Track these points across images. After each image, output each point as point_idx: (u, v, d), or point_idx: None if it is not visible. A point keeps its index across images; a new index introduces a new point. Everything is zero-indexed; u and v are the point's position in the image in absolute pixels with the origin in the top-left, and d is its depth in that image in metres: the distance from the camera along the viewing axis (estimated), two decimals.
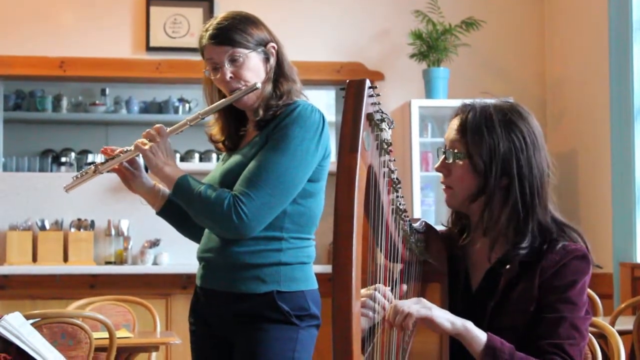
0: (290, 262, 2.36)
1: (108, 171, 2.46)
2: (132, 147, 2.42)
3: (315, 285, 2.42)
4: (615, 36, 5.14)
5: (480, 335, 1.75)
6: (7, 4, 5.71)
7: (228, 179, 2.37)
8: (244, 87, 2.39)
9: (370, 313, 1.80)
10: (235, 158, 2.42)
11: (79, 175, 2.45)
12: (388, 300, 1.81)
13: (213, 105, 2.45)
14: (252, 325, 2.34)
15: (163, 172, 2.38)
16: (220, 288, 2.40)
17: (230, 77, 2.39)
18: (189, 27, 5.79)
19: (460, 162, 1.90)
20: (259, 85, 2.38)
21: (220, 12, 6.06)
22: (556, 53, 5.99)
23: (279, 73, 2.44)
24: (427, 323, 1.73)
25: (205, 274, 2.45)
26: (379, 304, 1.80)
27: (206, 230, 2.47)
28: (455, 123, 1.94)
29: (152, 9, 5.77)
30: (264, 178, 2.29)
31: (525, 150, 1.89)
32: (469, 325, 1.76)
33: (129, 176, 2.49)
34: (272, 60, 2.44)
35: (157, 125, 2.41)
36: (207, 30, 2.42)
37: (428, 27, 5.68)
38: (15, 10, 5.70)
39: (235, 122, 2.51)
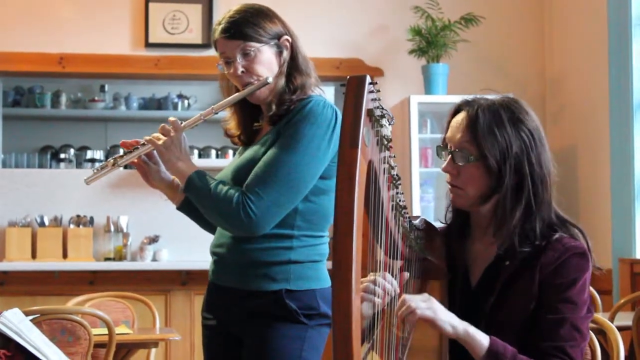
0: (301, 260, 2.34)
1: (127, 164, 2.45)
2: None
3: (327, 283, 2.39)
4: (614, 32, 5.14)
5: (483, 340, 1.75)
6: (6, 0, 5.70)
7: (239, 174, 2.36)
8: (256, 82, 2.36)
9: (373, 297, 1.78)
10: (248, 153, 2.40)
11: (99, 168, 2.42)
12: (391, 286, 1.80)
13: (226, 100, 2.42)
14: (261, 322, 2.33)
15: (176, 167, 2.36)
16: (230, 284, 2.39)
17: (242, 72, 2.36)
18: (188, 23, 5.79)
19: (472, 163, 1.87)
20: (270, 79, 2.35)
21: (219, 8, 6.04)
22: (556, 49, 5.99)
23: (292, 67, 2.41)
24: (429, 323, 1.73)
25: (216, 270, 2.45)
26: (380, 286, 1.77)
27: None
28: (460, 122, 1.89)
29: (151, 5, 5.76)
30: (273, 176, 2.27)
31: (535, 148, 1.87)
32: (471, 330, 1.75)
33: (147, 170, 2.46)
34: (286, 54, 2.41)
35: (172, 119, 2.38)
36: (219, 24, 2.38)
37: (427, 23, 5.68)
38: (14, 6, 5.70)
39: (250, 116, 2.49)
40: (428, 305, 1.72)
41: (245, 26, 2.35)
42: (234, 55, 2.36)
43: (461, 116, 1.90)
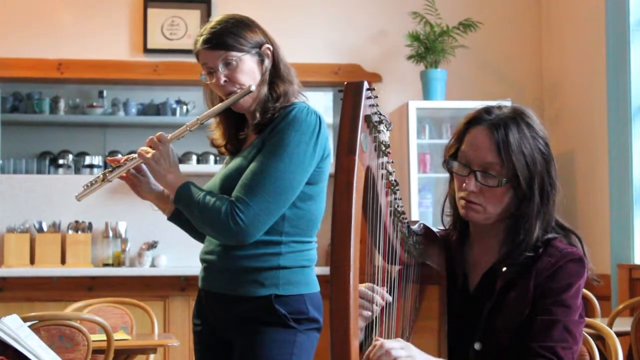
0: (290, 266, 2.37)
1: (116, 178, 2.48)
2: (136, 155, 2.42)
3: (316, 288, 2.42)
4: (612, 37, 5.15)
5: None
6: (4, 5, 5.71)
7: (227, 183, 2.38)
8: (239, 91, 2.39)
9: (365, 312, 1.78)
10: (235, 162, 2.42)
11: (89, 184, 2.46)
12: (384, 300, 1.80)
13: (210, 110, 2.46)
14: (251, 328, 2.35)
15: (165, 180, 2.39)
16: (220, 290, 2.41)
17: (225, 81, 2.39)
18: (187, 29, 5.79)
19: (502, 186, 1.83)
20: (253, 88, 2.38)
21: (218, 14, 6.08)
22: (553, 54, 6.00)
23: (274, 75, 2.43)
24: None
25: (206, 276, 2.48)
26: (375, 301, 1.76)
27: None
28: (485, 141, 1.83)
29: (150, 11, 5.77)
30: (261, 184, 2.29)
31: (551, 159, 1.86)
32: None
33: (136, 183, 2.49)
34: (267, 62, 2.43)
35: (158, 133, 2.41)
36: (201, 35, 2.42)
37: (425, 29, 5.69)
38: (13, 12, 5.70)
39: (235, 125, 2.51)
40: (408, 354, 1.67)
41: (227, 36, 2.38)
42: (215, 65, 2.39)
43: (484, 133, 1.84)
